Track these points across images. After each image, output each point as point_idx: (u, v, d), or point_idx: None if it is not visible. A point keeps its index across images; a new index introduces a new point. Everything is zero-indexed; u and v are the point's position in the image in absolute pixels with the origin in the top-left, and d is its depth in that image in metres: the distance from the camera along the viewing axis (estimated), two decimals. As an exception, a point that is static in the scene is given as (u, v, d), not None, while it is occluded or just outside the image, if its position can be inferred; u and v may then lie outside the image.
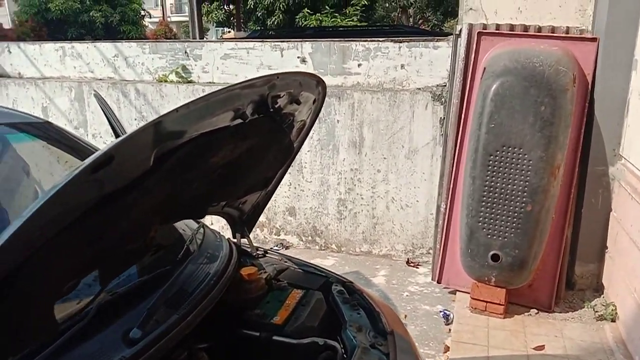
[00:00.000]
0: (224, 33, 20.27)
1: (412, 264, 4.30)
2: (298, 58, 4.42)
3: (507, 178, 3.19)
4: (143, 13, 15.41)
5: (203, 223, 1.99)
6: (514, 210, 3.18)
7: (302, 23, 12.82)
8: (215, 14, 15.40)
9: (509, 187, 3.19)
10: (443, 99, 3.97)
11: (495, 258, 3.24)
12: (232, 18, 15.18)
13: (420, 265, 4.27)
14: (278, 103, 1.58)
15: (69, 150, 2.08)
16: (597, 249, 3.49)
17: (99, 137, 5.19)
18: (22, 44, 5.68)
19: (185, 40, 5.13)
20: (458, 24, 3.72)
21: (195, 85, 4.74)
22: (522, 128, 3.13)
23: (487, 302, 3.34)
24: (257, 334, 1.53)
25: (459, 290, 3.64)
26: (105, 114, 2.41)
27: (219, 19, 15.71)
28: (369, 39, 4.23)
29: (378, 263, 4.36)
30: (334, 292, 1.78)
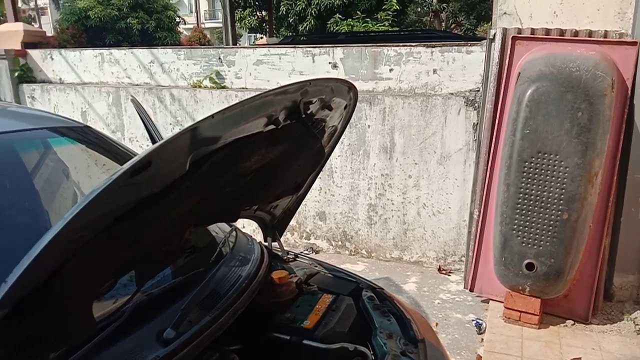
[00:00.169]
0: (257, 39, 20.53)
1: (443, 272, 4.25)
2: (329, 63, 4.44)
3: (542, 185, 3.13)
4: (178, 20, 15.73)
5: (235, 226, 2.02)
6: (550, 218, 3.12)
7: (333, 28, 12.84)
8: (248, 20, 15.61)
9: (545, 194, 3.12)
10: (476, 104, 3.92)
11: (530, 267, 3.18)
12: (264, 24, 15.36)
13: (452, 273, 4.22)
14: (310, 109, 1.60)
15: (107, 154, 2.16)
16: (637, 260, 3.37)
17: (136, 141, 5.32)
18: (63, 51, 5.89)
19: (219, 47, 5.21)
20: (492, 29, 3.66)
21: (229, 91, 4.82)
22: (558, 134, 3.06)
23: (521, 311, 3.27)
24: (287, 338, 1.54)
25: (492, 299, 3.57)
26: (142, 119, 2.46)
27: (252, 25, 15.90)
28: (401, 44, 4.21)
29: (409, 270, 4.32)
30: (364, 298, 1.78)
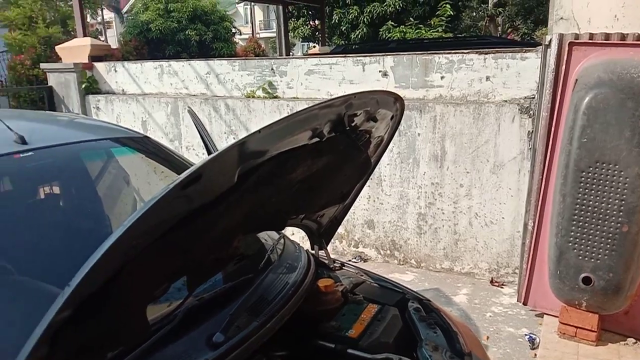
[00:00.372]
0: (310, 48, 20.78)
1: (496, 284, 4.14)
2: (380, 72, 4.45)
3: (600, 196, 3.00)
4: (234, 30, 16.18)
5: (284, 234, 2.07)
6: (608, 231, 2.98)
7: (385, 36, 12.80)
8: (302, 30, 15.86)
9: (603, 205, 2.99)
10: (531, 112, 3.81)
11: (587, 281, 3.05)
12: (317, 33, 15.53)
13: (505, 285, 4.10)
14: (355, 121, 1.63)
15: (164, 162, 2.29)
16: None
17: (192, 149, 5.53)
18: (126, 63, 6.22)
19: (272, 57, 5.34)
20: (548, 34, 3.56)
21: (280, 101, 4.92)
22: (617, 143, 2.93)
23: (577, 327, 3.14)
24: (332, 346, 1.56)
25: (547, 314, 3.44)
26: (197, 128, 2.58)
27: (305, 34, 16.14)
28: (452, 52, 4.17)
29: (460, 281, 4.24)
30: (410, 309, 1.78)
